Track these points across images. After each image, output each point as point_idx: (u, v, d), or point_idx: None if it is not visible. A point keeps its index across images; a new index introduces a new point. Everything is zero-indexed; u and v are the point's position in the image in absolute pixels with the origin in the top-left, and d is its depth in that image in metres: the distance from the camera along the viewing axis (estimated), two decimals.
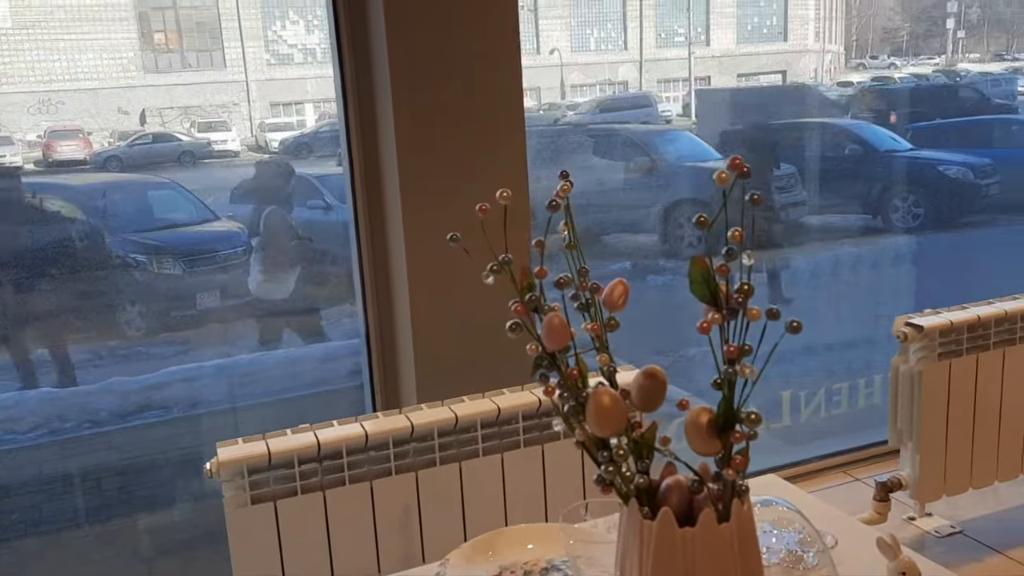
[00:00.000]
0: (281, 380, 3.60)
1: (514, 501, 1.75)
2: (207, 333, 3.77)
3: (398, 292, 2.06)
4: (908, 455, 2.35)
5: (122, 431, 3.28)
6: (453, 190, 1.96)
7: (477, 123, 1.99)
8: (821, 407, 2.96)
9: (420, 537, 1.68)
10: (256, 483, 1.55)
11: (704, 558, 0.78)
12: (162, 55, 3.68)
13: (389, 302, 2.11)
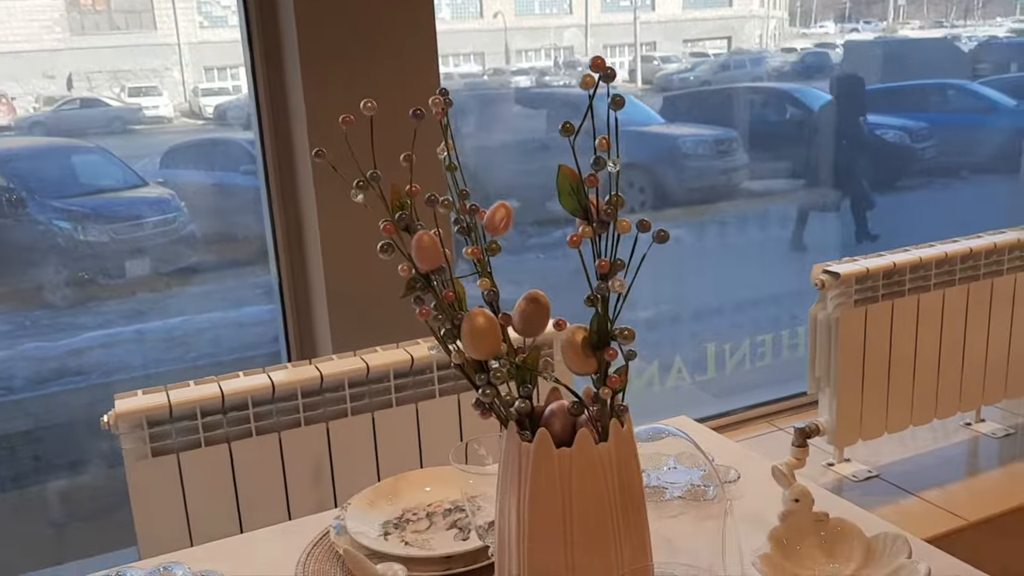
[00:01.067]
0: (204, 345, 3.52)
1: (429, 451, 1.73)
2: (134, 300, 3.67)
3: (310, 248, 2.02)
4: (826, 402, 2.39)
5: (38, 398, 3.18)
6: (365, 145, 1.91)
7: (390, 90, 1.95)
8: (746, 359, 3.00)
9: (332, 488, 1.65)
10: (157, 435, 1.50)
11: (581, 478, 0.76)
12: (89, 16, 3.52)
13: (302, 259, 2.07)
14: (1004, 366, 2.65)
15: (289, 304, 2.09)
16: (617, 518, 0.78)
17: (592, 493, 0.77)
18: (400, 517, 1.22)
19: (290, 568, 1.14)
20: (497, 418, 0.81)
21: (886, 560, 1.04)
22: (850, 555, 1.07)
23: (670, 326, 3.14)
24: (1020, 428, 2.83)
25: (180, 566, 1.11)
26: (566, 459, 0.77)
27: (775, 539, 1.07)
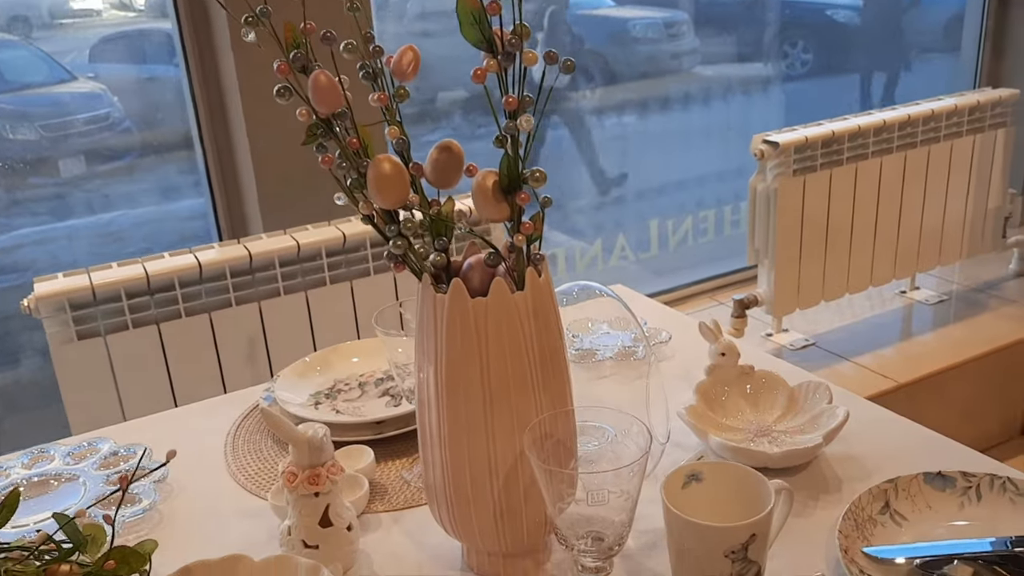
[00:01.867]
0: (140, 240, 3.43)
1: (367, 329, 1.72)
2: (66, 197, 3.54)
3: (236, 130, 1.94)
4: (765, 272, 2.42)
5: None
6: None
7: None
8: (689, 236, 3.01)
9: (269, 367, 1.63)
10: (81, 319, 1.46)
11: (497, 327, 0.75)
12: None
13: (228, 142, 1.99)
14: (939, 234, 2.70)
15: (217, 188, 2.03)
16: (535, 367, 0.77)
17: (509, 342, 0.76)
18: (332, 387, 1.21)
19: (220, 439, 1.14)
20: (411, 271, 0.79)
21: (808, 407, 1.06)
22: (774, 404, 1.09)
23: (614, 206, 3.12)
24: (953, 294, 2.91)
25: (106, 440, 1.10)
26: (481, 309, 0.75)
27: (701, 391, 1.09)
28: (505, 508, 0.80)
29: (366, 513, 0.97)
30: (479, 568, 0.87)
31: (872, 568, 0.82)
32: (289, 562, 0.82)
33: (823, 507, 0.93)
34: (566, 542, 0.75)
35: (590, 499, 0.71)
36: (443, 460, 0.81)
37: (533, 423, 0.76)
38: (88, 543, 0.71)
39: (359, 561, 0.89)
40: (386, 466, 1.06)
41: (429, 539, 0.93)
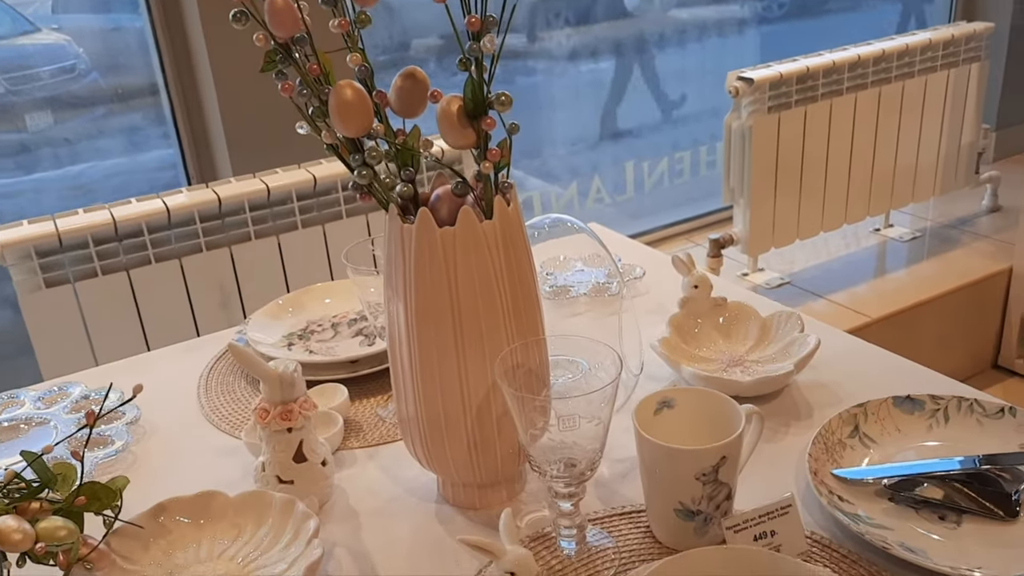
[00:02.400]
0: (110, 193, 3.38)
1: (340, 271, 1.70)
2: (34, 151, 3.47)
3: (201, 75, 1.90)
4: (740, 211, 2.42)
5: None
6: None
7: None
8: (665, 178, 3.00)
9: (242, 311, 1.62)
10: (48, 266, 1.44)
11: (466, 257, 0.74)
12: None
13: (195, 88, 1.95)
14: (912, 170, 2.71)
15: (185, 134, 1.99)
16: (506, 296, 0.77)
17: (478, 272, 0.75)
18: (304, 328, 1.21)
19: (193, 381, 1.13)
20: (377, 201, 0.77)
21: (780, 336, 1.07)
22: (746, 335, 1.09)
23: (589, 149, 3.10)
24: (927, 231, 2.93)
25: (77, 385, 1.09)
26: (450, 238, 0.74)
27: (674, 324, 1.09)
28: (478, 439, 0.80)
29: (341, 450, 0.97)
30: (454, 499, 0.87)
31: (841, 489, 0.83)
32: (264, 497, 0.83)
33: (794, 433, 0.94)
34: (539, 469, 0.75)
35: (561, 425, 0.71)
36: (416, 393, 0.80)
37: (504, 352, 0.75)
38: (58, 481, 0.71)
39: (335, 496, 0.90)
40: (360, 404, 1.06)
41: (404, 473, 0.93)
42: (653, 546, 0.80)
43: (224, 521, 0.82)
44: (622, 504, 0.86)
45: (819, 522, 0.82)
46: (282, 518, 0.81)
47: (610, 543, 0.80)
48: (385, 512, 0.87)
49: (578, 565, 0.78)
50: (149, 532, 0.79)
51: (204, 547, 0.80)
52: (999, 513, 0.79)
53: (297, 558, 0.77)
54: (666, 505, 0.77)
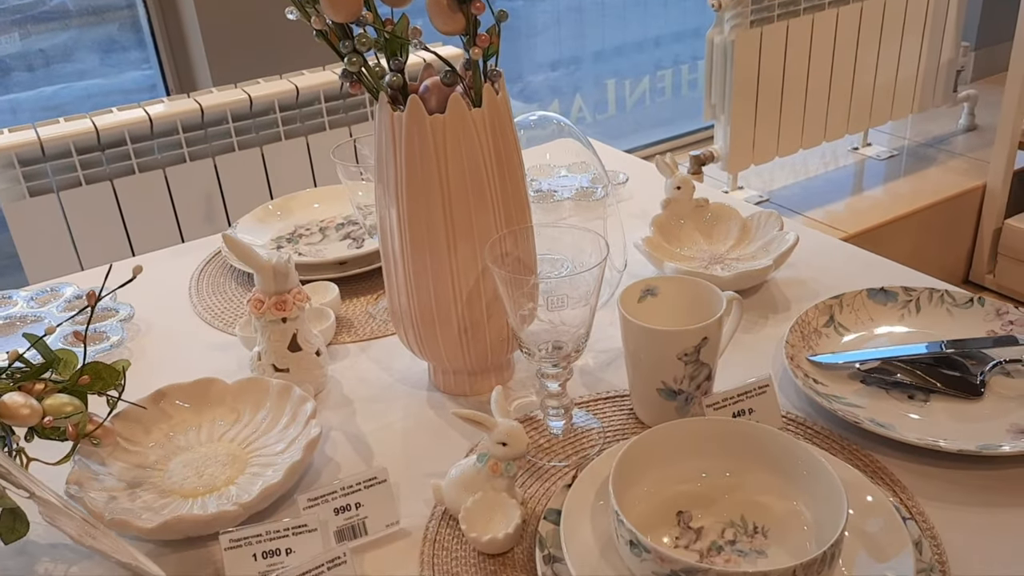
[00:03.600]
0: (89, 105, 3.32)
1: (324, 182, 1.71)
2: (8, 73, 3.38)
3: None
4: (720, 128, 2.43)
5: None
6: None
7: None
8: (647, 97, 2.99)
9: (227, 223, 1.63)
10: (31, 175, 1.43)
11: (455, 144, 0.76)
12: None
13: None
14: (891, 88, 2.72)
15: (163, 45, 1.96)
16: (495, 185, 0.79)
17: (468, 160, 0.77)
18: (293, 232, 1.22)
19: (184, 283, 1.15)
20: (367, 90, 0.78)
21: (760, 235, 1.10)
22: (727, 234, 1.12)
23: (571, 68, 3.07)
24: (904, 150, 2.95)
25: (69, 285, 1.10)
26: (439, 126, 0.75)
27: (657, 224, 1.11)
28: (469, 325, 0.83)
29: (333, 344, 1.00)
30: (445, 387, 0.90)
31: (816, 374, 0.87)
32: (261, 383, 0.85)
33: (772, 325, 0.98)
34: (529, 351, 0.78)
35: (550, 306, 0.73)
36: (408, 282, 0.83)
37: (493, 239, 0.78)
38: (60, 363, 0.73)
39: (329, 385, 0.92)
40: (351, 303, 1.08)
41: (396, 364, 0.96)
42: (636, 426, 0.84)
43: (223, 406, 0.85)
44: (606, 390, 0.89)
45: (794, 403, 0.86)
46: (279, 402, 0.84)
47: (595, 424, 0.84)
48: (379, 399, 0.90)
49: (565, 443, 0.82)
50: (150, 416, 0.82)
51: (204, 430, 0.83)
52: (965, 394, 0.83)
53: (296, 438, 0.80)
54: (649, 386, 0.81)
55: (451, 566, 0.69)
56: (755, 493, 0.69)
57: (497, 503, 0.71)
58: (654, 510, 0.68)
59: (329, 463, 0.81)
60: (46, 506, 0.45)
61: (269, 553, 0.67)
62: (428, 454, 0.82)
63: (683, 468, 0.70)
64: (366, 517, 0.72)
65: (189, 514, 0.69)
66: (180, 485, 0.76)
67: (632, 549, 0.60)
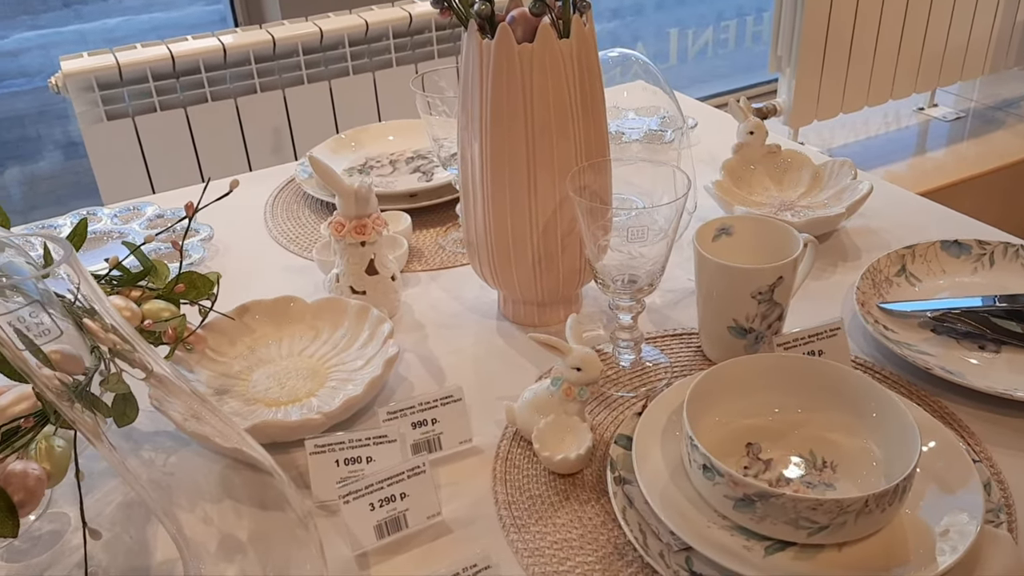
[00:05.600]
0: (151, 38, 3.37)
1: (388, 118, 1.72)
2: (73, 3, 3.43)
3: None
4: (785, 81, 2.39)
5: None
6: None
7: None
8: (709, 47, 2.94)
9: (294, 155, 1.65)
10: (109, 99, 1.47)
11: (542, 74, 0.76)
12: None
13: None
14: (964, 47, 2.65)
15: None
16: (577, 116, 0.79)
17: (553, 90, 0.77)
18: (364, 164, 1.24)
19: (258, 209, 1.17)
20: (456, 17, 0.79)
21: (832, 183, 1.09)
22: (798, 181, 1.11)
23: (632, 15, 3.03)
24: (970, 112, 2.88)
25: (150, 204, 1.13)
26: (527, 54, 0.76)
27: (728, 168, 1.11)
28: (543, 256, 0.85)
29: (405, 271, 1.02)
30: (514, 317, 0.92)
31: (886, 320, 0.87)
32: (340, 303, 0.88)
33: (840, 272, 0.98)
34: (603, 282, 0.79)
35: (629, 236, 0.75)
36: (486, 213, 0.84)
37: (574, 170, 0.79)
38: (155, 271, 0.76)
39: (401, 310, 0.95)
40: (421, 234, 1.10)
41: (465, 293, 0.98)
42: (703, 363, 0.85)
43: (302, 323, 0.88)
44: (673, 327, 0.90)
45: (863, 349, 0.86)
46: (357, 322, 0.86)
47: (663, 359, 0.86)
48: (449, 325, 0.93)
49: (632, 376, 0.83)
50: (235, 329, 0.85)
51: (284, 345, 0.86)
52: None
53: (373, 356, 0.82)
54: (720, 323, 0.82)
55: (522, 482, 0.72)
56: (824, 430, 0.70)
57: (568, 426, 0.73)
58: (724, 440, 0.70)
59: (403, 382, 0.84)
60: (160, 384, 0.48)
61: (350, 460, 0.70)
62: (498, 379, 0.84)
63: (754, 402, 0.71)
64: (441, 433, 0.74)
65: (276, 420, 0.72)
66: (264, 395, 0.79)
67: (705, 473, 0.62)
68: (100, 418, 0.46)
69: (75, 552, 0.65)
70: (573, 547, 0.65)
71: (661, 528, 0.64)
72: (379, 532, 0.66)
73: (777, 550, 0.61)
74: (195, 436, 0.67)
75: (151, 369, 0.45)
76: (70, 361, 0.49)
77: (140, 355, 0.45)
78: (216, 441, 0.65)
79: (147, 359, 0.44)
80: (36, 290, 0.47)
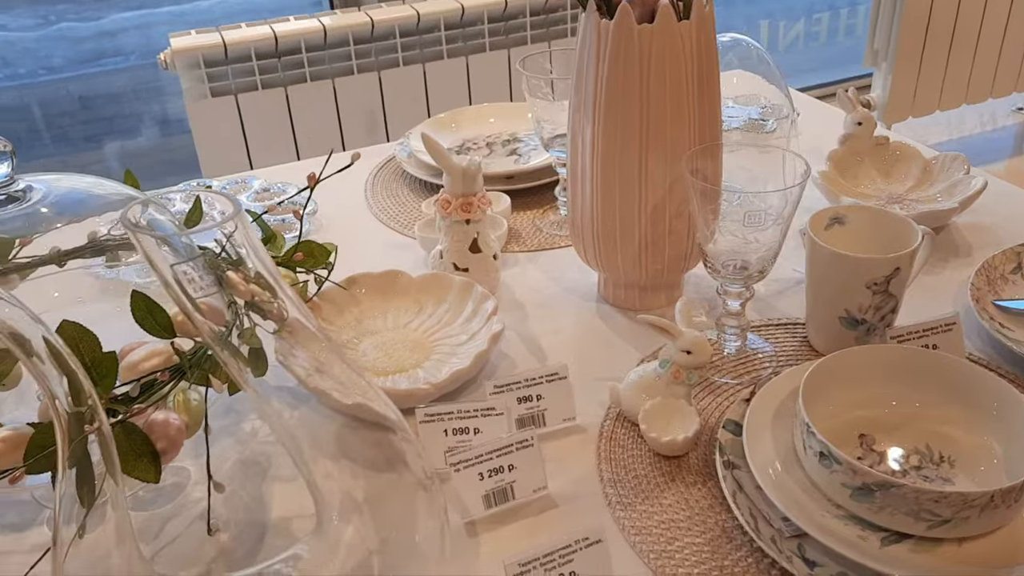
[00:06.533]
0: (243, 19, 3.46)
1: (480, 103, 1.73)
2: None
3: None
4: (880, 76, 2.33)
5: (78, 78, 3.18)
6: None
7: None
8: (800, 39, 2.88)
9: (386, 134, 1.68)
10: (214, 75, 1.51)
11: (660, 54, 0.76)
12: None
13: None
14: None
15: None
16: (693, 99, 0.79)
17: (670, 71, 0.77)
18: (461, 145, 1.25)
19: (359, 186, 1.19)
20: None
21: (943, 177, 1.06)
22: (907, 175, 1.09)
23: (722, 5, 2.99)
24: None
25: (255, 178, 1.16)
26: (647, 35, 0.76)
27: (834, 159, 1.09)
28: (650, 240, 0.84)
29: (503, 252, 1.03)
30: (615, 300, 0.92)
31: (1002, 318, 0.85)
32: (444, 278, 0.89)
33: (951, 268, 0.96)
34: (713, 267, 0.79)
35: (746, 220, 0.74)
36: (594, 194, 0.84)
37: (689, 152, 0.78)
38: (275, 239, 0.78)
39: (501, 289, 0.96)
40: (517, 216, 1.11)
41: (564, 275, 0.98)
42: (810, 353, 0.84)
43: (407, 297, 0.89)
44: (778, 317, 0.89)
45: (976, 346, 0.84)
46: (461, 298, 0.87)
47: (767, 347, 0.85)
48: (549, 306, 0.93)
49: (736, 363, 0.83)
50: (344, 299, 0.87)
51: (390, 317, 0.88)
52: None
53: (477, 332, 0.83)
54: (830, 313, 0.80)
55: (627, 462, 0.72)
56: (941, 424, 0.68)
57: (675, 408, 0.73)
58: (836, 430, 0.69)
59: (504, 359, 0.85)
60: (291, 335, 0.49)
61: (458, 431, 0.71)
62: (598, 360, 0.84)
63: (869, 393, 0.70)
64: (546, 409, 0.75)
65: (388, 387, 0.74)
66: (372, 364, 0.81)
67: (822, 461, 0.61)
68: (242, 367, 0.48)
69: (196, 504, 0.68)
70: (681, 528, 0.65)
71: (773, 514, 0.64)
72: (487, 502, 0.67)
73: (893, 542, 0.60)
74: (316, 392, 0.69)
75: (287, 317, 0.47)
76: (214, 314, 0.51)
77: (280, 301, 0.46)
78: (335, 397, 0.67)
79: (287, 305, 0.46)
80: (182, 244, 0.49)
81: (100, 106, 3.10)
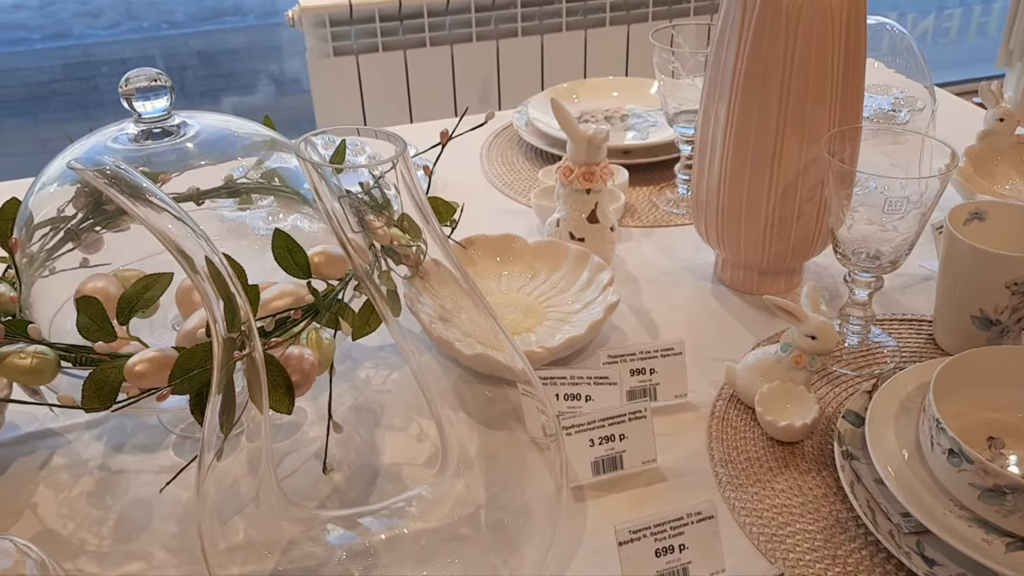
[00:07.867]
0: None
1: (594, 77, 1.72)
2: None
3: None
4: (1014, 77, 2.22)
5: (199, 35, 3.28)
6: None
7: None
8: (929, 35, 2.76)
9: (498, 103, 1.68)
10: (338, 35, 1.53)
11: (807, 29, 0.73)
12: None
13: None
14: None
15: None
16: (837, 77, 0.76)
17: (817, 47, 0.75)
18: (579, 117, 1.24)
19: (473, 153, 1.20)
20: None
21: None
22: None
23: None
24: None
25: None
26: (796, 9, 0.74)
27: (971, 155, 1.05)
28: (776, 222, 0.82)
29: (619, 226, 1.02)
30: (732, 281, 0.91)
31: None
32: (560, 246, 0.89)
33: None
34: (844, 255, 0.76)
35: (886, 206, 0.71)
36: (722, 172, 0.82)
37: (829, 134, 0.76)
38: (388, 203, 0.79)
39: (615, 262, 0.95)
40: (634, 191, 1.09)
41: (680, 253, 0.97)
42: (935, 351, 0.81)
43: (522, 263, 0.89)
44: (903, 312, 0.86)
45: None
46: (576, 267, 0.87)
47: (891, 342, 0.82)
48: (663, 282, 0.92)
49: (857, 356, 0.80)
50: (462, 258, 0.87)
51: (504, 281, 0.88)
52: None
53: (592, 301, 0.83)
54: (962, 312, 0.77)
55: (739, 443, 0.71)
56: None
57: (793, 394, 0.71)
58: (964, 430, 0.66)
59: (616, 331, 0.84)
60: (423, 279, 0.50)
61: (570, 396, 0.71)
62: (712, 340, 0.83)
63: (1002, 396, 0.67)
64: (658, 384, 0.74)
65: None
66: None
67: (950, 459, 0.59)
68: (383, 305, 0.49)
69: (312, 443, 0.70)
70: (794, 514, 0.64)
71: (892, 508, 0.62)
72: (595, 468, 0.67)
73: (1019, 548, 0.57)
74: (438, 341, 0.70)
75: (422, 260, 0.48)
76: (361, 252, 0.52)
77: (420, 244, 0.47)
78: (457, 347, 0.67)
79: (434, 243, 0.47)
80: (334, 184, 0.50)
81: (218, 62, 3.19)
